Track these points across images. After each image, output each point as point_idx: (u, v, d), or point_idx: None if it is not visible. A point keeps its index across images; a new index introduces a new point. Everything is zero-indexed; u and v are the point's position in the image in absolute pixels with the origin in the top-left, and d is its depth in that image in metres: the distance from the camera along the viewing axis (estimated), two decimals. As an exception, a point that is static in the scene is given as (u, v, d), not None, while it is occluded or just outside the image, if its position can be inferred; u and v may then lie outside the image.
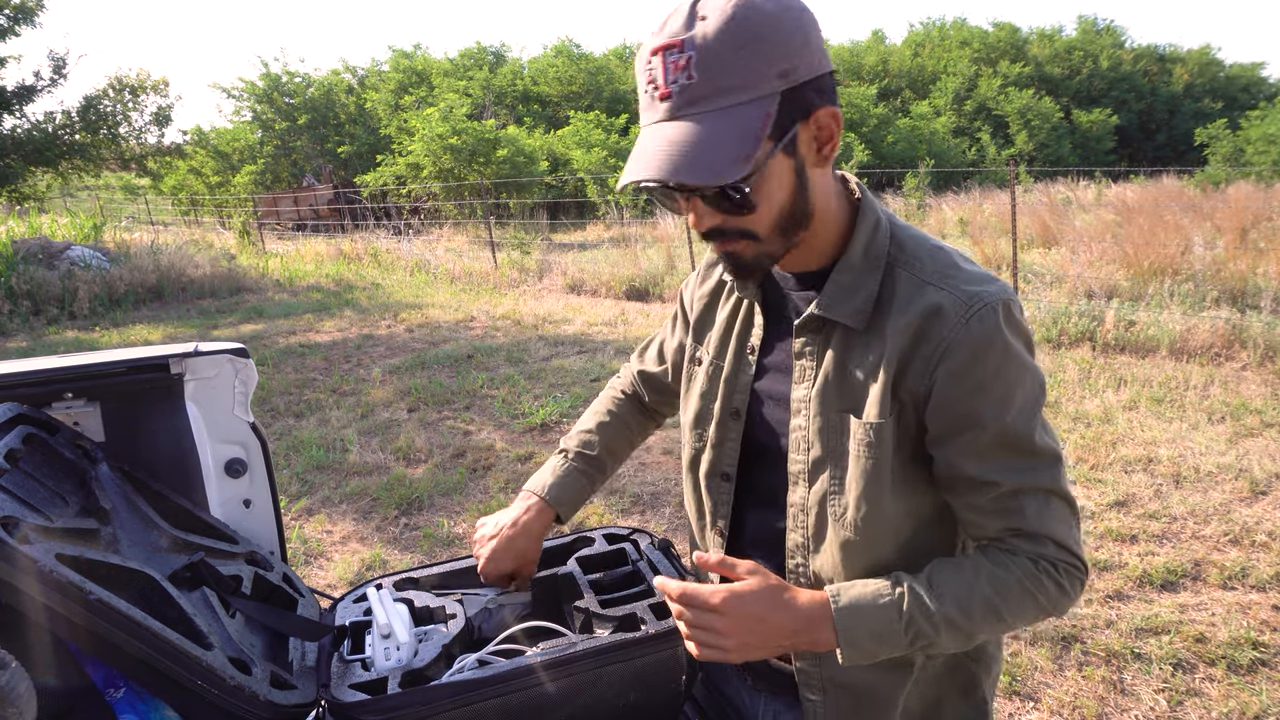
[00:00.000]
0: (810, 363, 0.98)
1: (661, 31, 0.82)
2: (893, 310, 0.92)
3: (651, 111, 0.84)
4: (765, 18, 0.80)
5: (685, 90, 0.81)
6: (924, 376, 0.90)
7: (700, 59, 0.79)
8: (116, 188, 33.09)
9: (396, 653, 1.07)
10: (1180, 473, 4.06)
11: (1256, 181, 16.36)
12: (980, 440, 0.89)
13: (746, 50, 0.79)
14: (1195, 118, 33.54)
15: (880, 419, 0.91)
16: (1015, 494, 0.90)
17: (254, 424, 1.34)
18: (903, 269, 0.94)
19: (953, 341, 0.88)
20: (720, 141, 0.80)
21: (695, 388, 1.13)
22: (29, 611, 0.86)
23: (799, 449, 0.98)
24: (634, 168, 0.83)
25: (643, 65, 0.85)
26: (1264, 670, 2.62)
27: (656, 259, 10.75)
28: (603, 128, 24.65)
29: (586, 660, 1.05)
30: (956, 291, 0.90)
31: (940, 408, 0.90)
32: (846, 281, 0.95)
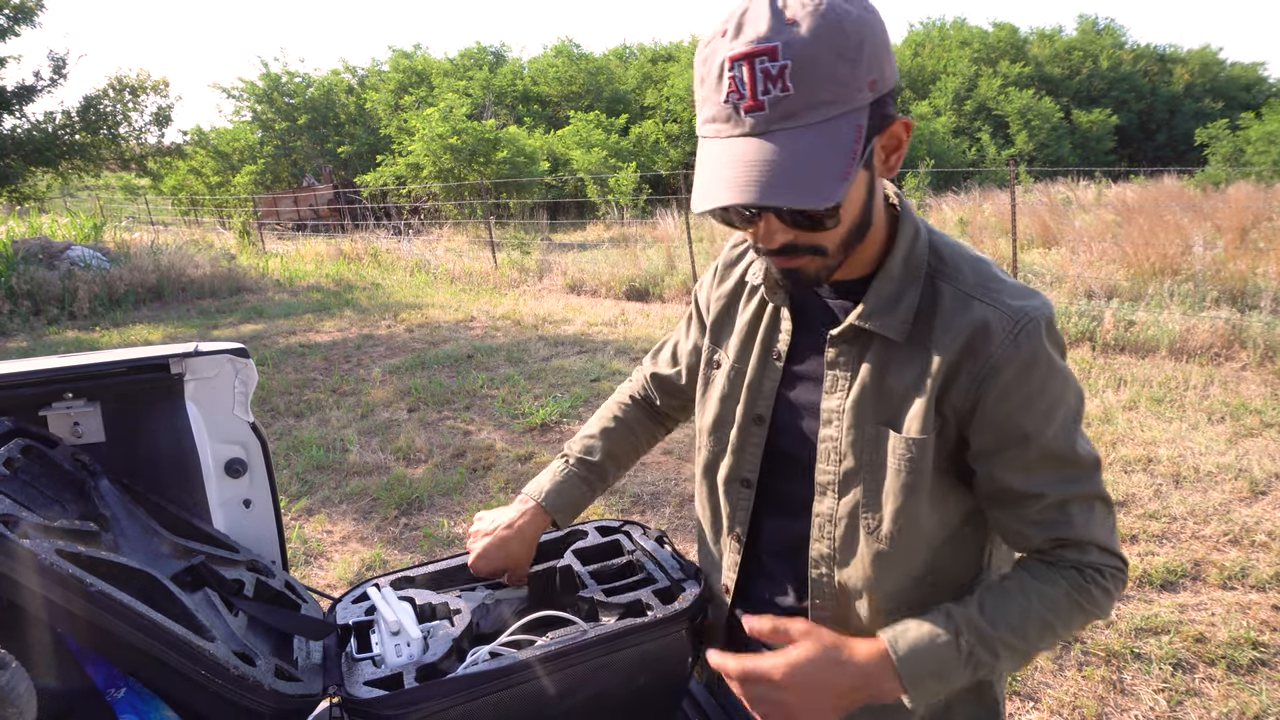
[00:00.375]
0: (844, 373, 0.96)
1: (742, 35, 0.75)
2: (936, 324, 0.91)
3: (732, 124, 0.78)
4: (856, 24, 0.75)
5: (779, 103, 0.75)
6: (969, 393, 0.89)
7: (797, 69, 0.74)
8: (116, 188, 33.10)
9: (408, 649, 1.07)
10: (1180, 473, 4.06)
11: (1256, 181, 16.36)
12: (1027, 455, 0.89)
13: (844, 60, 0.75)
14: (1195, 118, 33.53)
15: (923, 434, 0.90)
16: (1062, 505, 0.91)
17: (254, 424, 1.34)
18: (944, 281, 0.93)
19: (1001, 358, 0.88)
20: (819, 159, 0.75)
21: (714, 391, 1.11)
22: (29, 606, 0.86)
23: (829, 459, 0.97)
24: (720, 189, 0.77)
25: (717, 71, 0.78)
26: (1264, 670, 2.62)
27: (656, 259, 10.76)
28: (603, 128, 24.66)
29: (598, 647, 1.06)
30: (1003, 307, 0.89)
31: (987, 424, 0.90)
32: (887, 292, 0.93)
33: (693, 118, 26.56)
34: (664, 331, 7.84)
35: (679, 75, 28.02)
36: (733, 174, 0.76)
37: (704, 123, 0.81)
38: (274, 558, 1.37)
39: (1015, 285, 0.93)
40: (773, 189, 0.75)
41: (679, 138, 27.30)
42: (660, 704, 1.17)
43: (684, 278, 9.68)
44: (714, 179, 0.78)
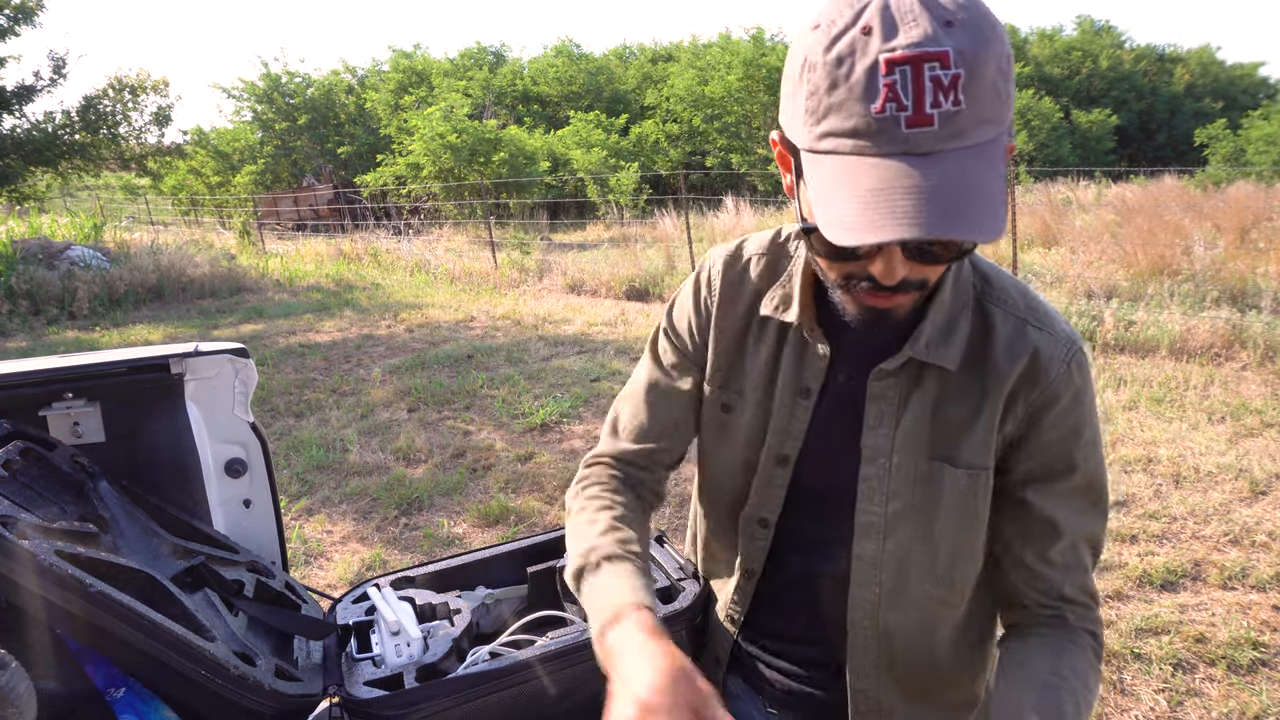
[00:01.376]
0: (890, 406, 0.90)
1: (900, 34, 0.64)
2: (994, 350, 0.87)
3: (885, 140, 0.65)
4: (1001, 29, 0.66)
5: (950, 120, 0.64)
6: (1022, 420, 0.87)
7: (970, 80, 0.64)
8: (116, 188, 33.10)
9: (408, 649, 1.08)
10: (1180, 473, 4.06)
11: (1256, 181, 16.36)
12: (1069, 483, 0.88)
13: (1002, 72, 0.66)
14: (1195, 118, 33.52)
15: (983, 467, 0.87)
16: (1076, 546, 0.90)
17: (254, 424, 1.34)
18: (994, 305, 0.89)
19: (1059, 386, 0.86)
20: (986, 185, 0.65)
21: (731, 437, 1.01)
22: (28, 606, 0.86)
23: (872, 499, 0.91)
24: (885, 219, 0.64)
25: (864, 74, 0.65)
26: (1264, 670, 2.62)
27: (656, 259, 10.75)
28: (603, 128, 24.65)
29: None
30: (1057, 333, 0.87)
31: (1038, 450, 0.88)
32: (941, 321, 0.87)
33: (693, 117, 26.77)
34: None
35: (679, 75, 28.00)
36: (901, 202, 0.64)
37: (833, 134, 0.68)
38: (274, 558, 1.37)
39: (1052, 309, 0.91)
40: (953, 220, 0.63)
41: (679, 138, 27.29)
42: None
43: (684, 278, 9.65)
44: (870, 206, 0.65)
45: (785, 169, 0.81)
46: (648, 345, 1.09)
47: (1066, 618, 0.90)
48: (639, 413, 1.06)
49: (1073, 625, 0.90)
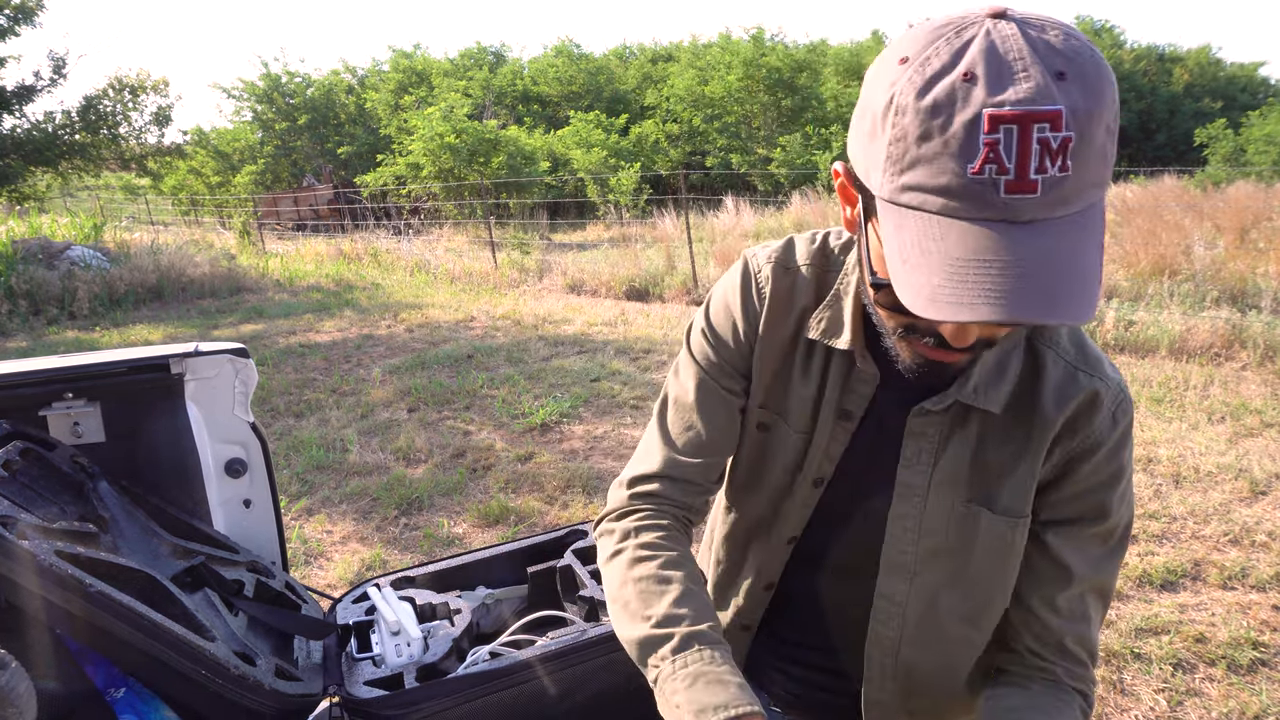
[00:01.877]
0: (929, 445, 0.86)
1: (1010, 86, 0.57)
2: (1043, 394, 0.83)
3: (979, 204, 0.58)
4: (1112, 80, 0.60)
5: (1056, 187, 0.57)
6: (1059, 465, 0.85)
7: (1080, 143, 0.57)
8: (116, 188, 33.10)
9: (408, 649, 1.08)
10: (1180, 473, 4.06)
11: (1257, 181, 16.36)
12: (1092, 530, 0.87)
13: (1110, 132, 0.59)
14: (1195, 118, 33.53)
15: (1023, 513, 0.85)
16: (1084, 597, 0.88)
17: (254, 424, 1.34)
18: (1046, 346, 0.84)
19: (1102, 435, 0.84)
20: (1085, 261, 0.59)
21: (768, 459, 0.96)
22: (28, 606, 0.86)
23: (904, 538, 0.88)
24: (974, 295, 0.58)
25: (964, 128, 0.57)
26: (1264, 670, 2.62)
27: (656, 259, 10.75)
28: (603, 128, 24.65)
29: (598, 647, 1.06)
30: (1106, 381, 0.84)
31: (1070, 497, 0.86)
32: (992, 361, 0.83)
33: (693, 117, 26.76)
34: (664, 331, 7.83)
35: (679, 75, 28.00)
36: (996, 279, 0.57)
37: (918, 190, 0.61)
38: (274, 558, 1.37)
39: (1101, 353, 0.88)
40: (1048, 301, 0.57)
41: (679, 138, 27.30)
42: (660, 704, 1.17)
43: (684, 278, 9.68)
44: (959, 279, 0.59)
45: (848, 203, 0.75)
46: (685, 351, 1.00)
47: (1058, 674, 0.87)
48: (693, 422, 0.95)
49: (1063, 683, 0.87)
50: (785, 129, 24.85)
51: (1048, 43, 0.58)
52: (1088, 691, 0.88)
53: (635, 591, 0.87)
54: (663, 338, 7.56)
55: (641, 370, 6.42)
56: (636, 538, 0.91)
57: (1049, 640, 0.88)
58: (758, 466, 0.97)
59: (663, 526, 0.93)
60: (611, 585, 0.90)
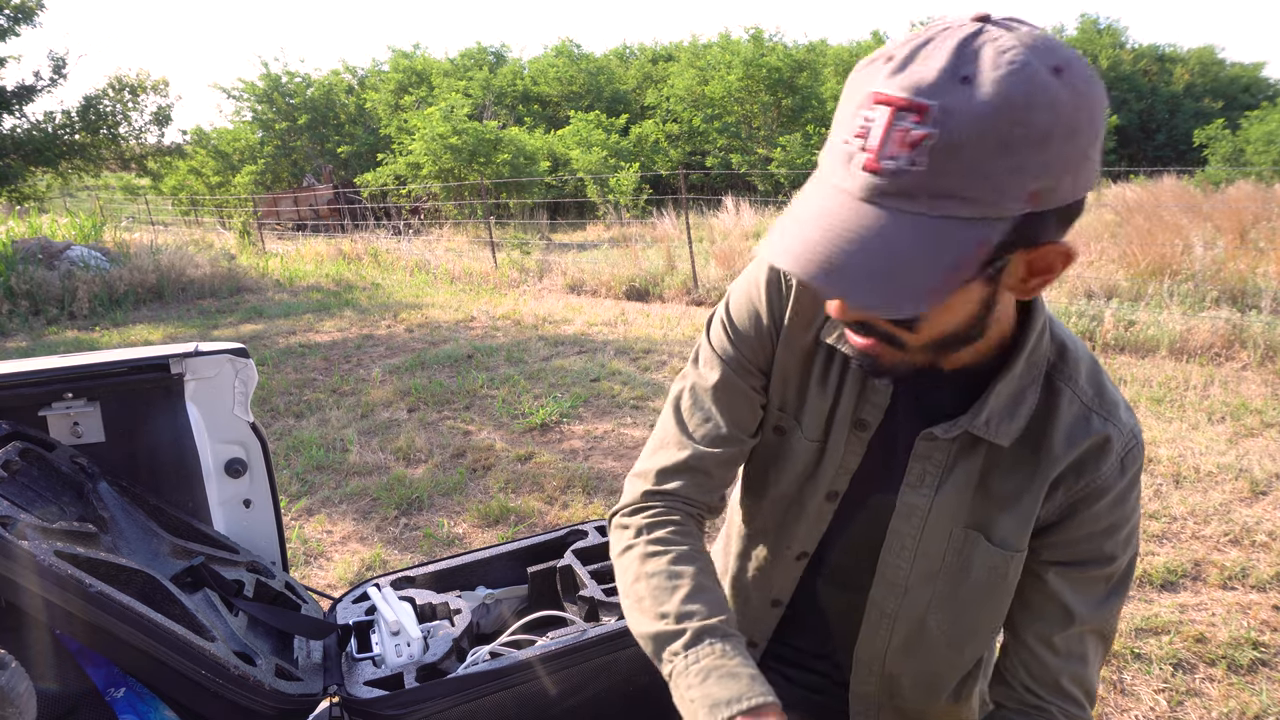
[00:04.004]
0: (934, 468, 0.85)
1: (903, 74, 0.59)
2: (1054, 433, 0.82)
3: (843, 173, 0.62)
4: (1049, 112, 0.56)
5: (902, 176, 0.59)
6: (1061, 506, 0.84)
7: (944, 145, 0.56)
8: (116, 188, 33.09)
9: (408, 649, 1.07)
10: (1180, 473, 4.06)
11: (1256, 181, 16.36)
12: (1095, 572, 0.85)
13: (1006, 154, 0.56)
14: (1195, 118, 33.53)
15: (1019, 548, 0.84)
16: (1083, 637, 0.87)
17: (254, 424, 1.34)
18: (1064, 383, 0.83)
19: (1109, 481, 0.82)
20: (913, 261, 0.59)
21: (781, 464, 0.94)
22: (28, 606, 0.86)
23: (899, 554, 0.88)
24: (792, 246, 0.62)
25: (858, 103, 0.61)
26: (1264, 670, 2.62)
27: (656, 259, 10.75)
28: (603, 128, 24.65)
29: (599, 647, 1.06)
30: (1120, 426, 0.83)
31: (1074, 540, 0.84)
32: (1007, 395, 0.81)
33: (693, 118, 26.71)
34: (664, 331, 7.83)
35: (679, 75, 28.00)
36: (809, 235, 0.62)
37: (825, 151, 0.66)
38: (274, 558, 1.37)
39: (1119, 395, 0.86)
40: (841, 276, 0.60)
41: (679, 138, 27.29)
42: (660, 704, 1.17)
43: (684, 278, 9.68)
44: (793, 230, 0.63)
45: None
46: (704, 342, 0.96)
47: (1053, 713, 0.86)
48: (711, 414, 0.93)
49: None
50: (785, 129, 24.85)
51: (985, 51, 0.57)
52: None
53: (648, 588, 0.86)
54: (663, 338, 7.56)
55: (641, 370, 6.42)
56: (649, 533, 0.90)
57: (1045, 679, 0.86)
58: (770, 472, 0.95)
59: (675, 522, 0.92)
60: (625, 580, 0.89)
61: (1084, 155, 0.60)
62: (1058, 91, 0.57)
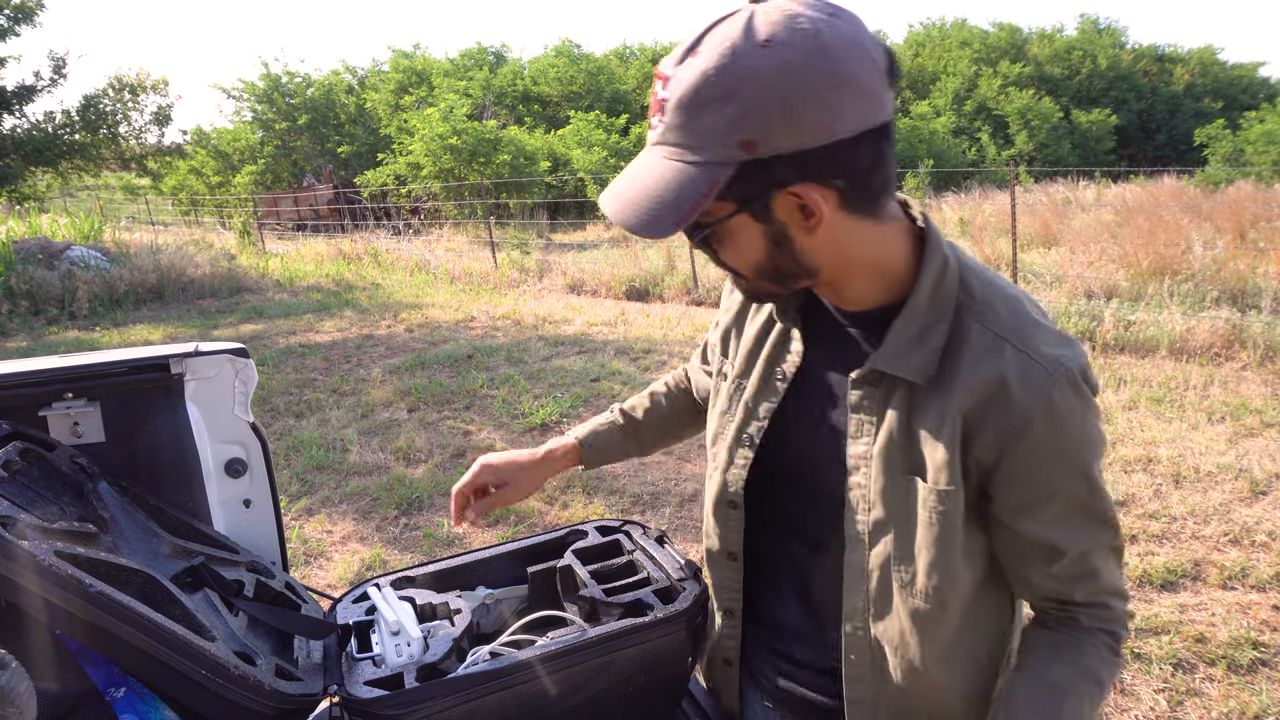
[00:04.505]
0: (869, 418, 0.90)
1: (677, 49, 0.76)
2: (962, 366, 0.84)
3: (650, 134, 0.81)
4: (749, 77, 0.70)
5: (655, 129, 0.79)
6: (994, 446, 0.84)
7: (670, 103, 0.75)
8: (116, 188, 33.10)
9: (408, 648, 1.07)
10: (1180, 473, 4.06)
11: (1256, 181, 16.36)
12: (1055, 508, 0.86)
13: (709, 111, 0.73)
14: (1195, 118, 33.53)
15: (950, 485, 0.85)
16: (1084, 556, 0.88)
17: (254, 424, 1.33)
18: (974, 319, 0.86)
19: (1032, 412, 0.82)
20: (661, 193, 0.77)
21: (718, 403, 1.07)
22: (28, 606, 0.86)
23: (859, 508, 0.91)
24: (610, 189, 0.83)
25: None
26: (1264, 670, 2.62)
27: (656, 259, 10.76)
28: (603, 128, 24.67)
29: (599, 647, 1.06)
30: (1037, 355, 0.83)
31: (1018, 479, 0.85)
32: (911, 332, 0.86)
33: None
34: (664, 331, 7.84)
35: (679, 75, 27.94)
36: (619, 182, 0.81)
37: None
38: (274, 558, 1.37)
39: (1051, 330, 0.86)
40: (619, 204, 0.79)
41: (679, 138, 27.27)
42: (660, 704, 1.17)
43: (684, 278, 9.68)
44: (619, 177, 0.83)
45: None
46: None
47: (1080, 620, 0.91)
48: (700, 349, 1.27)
49: (1086, 626, 0.91)
50: (785, 129, 24.81)
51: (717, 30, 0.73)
52: (1114, 629, 0.91)
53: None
54: (663, 338, 7.56)
55: (641, 370, 6.42)
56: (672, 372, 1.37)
57: (1063, 598, 0.91)
58: (712, 416, 1.08)
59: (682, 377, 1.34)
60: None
61: (793, 114, 0.71)
62: (758, 62, 0.70)
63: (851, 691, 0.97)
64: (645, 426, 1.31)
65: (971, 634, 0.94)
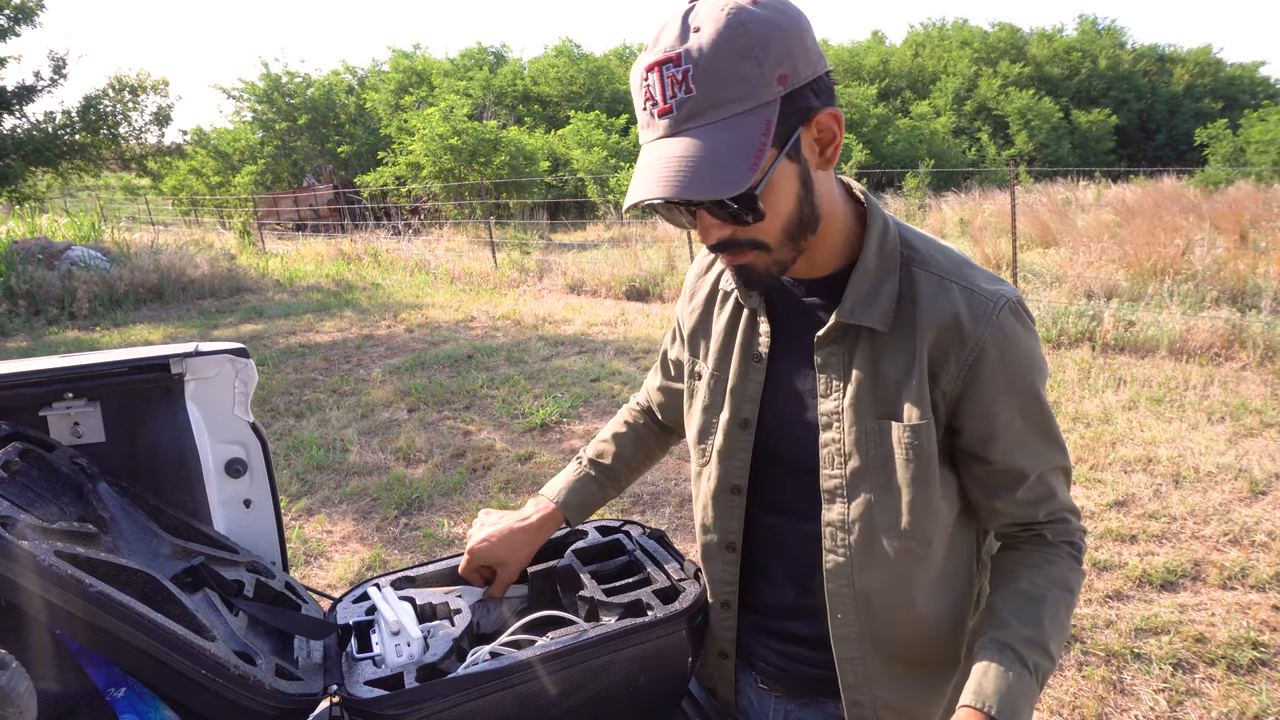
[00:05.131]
0: (836, 374, 0.96)
1: (656, 46, 0.81)
2: (918, 309, 0.92)
3: (651, 129, 0.83)
4: (760, 23, 0.78)
5: (684, 104, 0.79)
6: (958, 378, 0.92)
7: (698, 71, 0.78)
8: (116, 188, 33.10)
9: (408, 648, 1.07)
10: (1180, 473, 4.06)
11: (1256, 182, 16.36)
12: (1016, 431, 0.93)
13: (745, 59, 0.78)
14: (1195, 118, 33.54)
15: (922, 419, 0.92)
16: (1043, 477, 0.96)
17: (254, 424, 1.33)
18: (919, 268, 0.94)
19: (986, 341, 0.90)
20: (725, 154, 0.78)
21: (698, 401, 1.12)
22: (28, 606, 0.86)
23: (833, 464, 0.96)
24: (638, 187, 0.82)
25: (639, 82, 0.83)
26: (1264, 670, 2.62)
27: (656, 259, 10.76)
28: (603, 128, 24.66)
29: (599, 647, 1.06)
30: (980, 290, 0.92)
31: (978, 408, 0.92)
32: (866, 285, 0.94)
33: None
34: (664, 331, 7.84)
35: (679, 75, 27.93)
36: (651, 174, 0.81)
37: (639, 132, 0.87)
38: (274, 558, 1.37)
39: (985, 271, 0.96)
40: (680, 184, 0.79)
41: (679, 138, 27.26)
42: (660, 704, 1.17)
43: (684, 278, 9.68)
44: (637, 179, 0.83)
45: None
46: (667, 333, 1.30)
47: (1045, 535, 0.99)
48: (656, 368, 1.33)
49: (1051, 541, 0.98)
50: (785, 129, 24.81)
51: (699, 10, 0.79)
52: (1075, 540, 0.99)
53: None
54: (662, 337, 7.57)
55: (641, 370, 6.42)
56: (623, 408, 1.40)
57: (1024, 519, 0.98)
58: (695, 415, 1.12)
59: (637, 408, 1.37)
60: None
61: (801, 45, 0.80)
62: (757, 11, 0.79)
63: (841, 650, 1.01)
64: (616, 469, 1.32)
65: (953, 566, 1.00)
